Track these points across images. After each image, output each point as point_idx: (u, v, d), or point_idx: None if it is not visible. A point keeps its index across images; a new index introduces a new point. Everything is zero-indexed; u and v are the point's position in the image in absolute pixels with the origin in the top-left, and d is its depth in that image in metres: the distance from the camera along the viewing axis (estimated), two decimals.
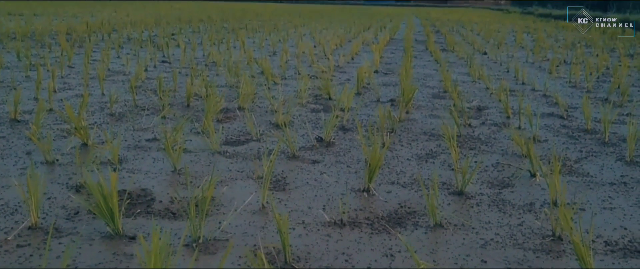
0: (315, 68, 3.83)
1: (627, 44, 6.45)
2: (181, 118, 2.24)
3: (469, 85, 3.27)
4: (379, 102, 2.69)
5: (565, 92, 3.03)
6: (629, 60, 4.70)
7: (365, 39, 6.38)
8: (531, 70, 4.03)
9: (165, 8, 16.82)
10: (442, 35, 7.66)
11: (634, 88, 3.14)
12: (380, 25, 10.06)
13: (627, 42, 6.65)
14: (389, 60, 4.55)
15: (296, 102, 2.60)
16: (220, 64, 3.84)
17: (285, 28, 8.33)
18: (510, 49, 5.64)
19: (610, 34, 8.21)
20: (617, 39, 7.23)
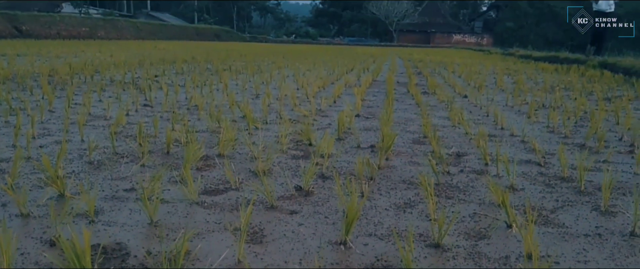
0: (297, 112, 3.87)
1: (604, 87, 6.57)
2: (160, 166, 2.25)
3: (448, 130, 3.31)
4: (359, 147, 2.72)
5: (543, 137, 3.08)
6: (607, 104, 4.79)
7: (348, 81, 6.45)
8: (510, 114, 4.09)
9: (149, 48, 16.89)
10: (424, 77, 7.76)
11: (610, 134, 3.19)
12: (364, 66, 10.18)
13: (605, 85, 6.78)
14: (371, 104, 4.59)
15: (276, 149, 2.62)
16: (202, 108, 3.86)
17: (269, 69, 8.40)
18: (491, 92, 5.73)
19: (589, 76, 8.38)
20: (595, 82, 7.37)
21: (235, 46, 26.25)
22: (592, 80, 7.76)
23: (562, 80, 7.72)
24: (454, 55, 20.86)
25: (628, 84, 6.98)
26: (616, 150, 2.71)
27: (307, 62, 10.88)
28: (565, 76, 8.67)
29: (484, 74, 8.70)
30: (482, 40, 59.40)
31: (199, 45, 24.44)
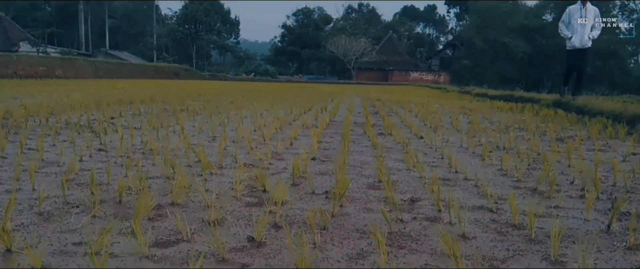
0: (253, 155, 3.86)
1: (558, 127, 6.76)
2: (111, 216, 2.21)
3: (403, 173, 3.34)
4: (314, 194, 2.72)
5: (496, 181, 3.14)
6: (559, 145, 4.91)
7: (305, 122, 6.48)
8: (465, 156, 4.16)
9: (107, 88, 16.71)
10: (381, 117, 7.85)
11: (562, 177, 3.27)
12: (322, 106, 10.26)
13: (559, 125, 6.97)
14: (328, 146, 4.62)
15: (230, 196, 2.60)
16: (158, 152, 3.81)
17: (227, 110, 8.39)
18: (446, 133, 5.83)
19: (543, 116, 8.60)
20: (549, 121, 7.57)
21: (194, 85, 26.18)
22: (546, 119, 7.97)
23: (516, 119, 7.90)
24: (412, 93, 21.21)
25: (581, 124, 7.19)
26: (567, 195, 2.77)
27: (266, 102, 10.91)
28: (520, 115, 8.89)
29: (440, 113, 8.85)
30: (439, 78, 60.62)
31: (158, 84, 24.30)
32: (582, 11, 10.18)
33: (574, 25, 10.23)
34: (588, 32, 10.15)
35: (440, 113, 9.04)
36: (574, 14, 10.29)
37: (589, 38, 10.17)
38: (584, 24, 10.12)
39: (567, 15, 10.43)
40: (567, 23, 10.41)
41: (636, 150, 4.58)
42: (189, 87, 20.28)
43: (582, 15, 10.16)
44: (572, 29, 10.27)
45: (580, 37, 10.17)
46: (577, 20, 10.17)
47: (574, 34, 10.21)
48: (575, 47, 10.25)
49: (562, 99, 10.31)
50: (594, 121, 7.07)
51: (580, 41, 10.18)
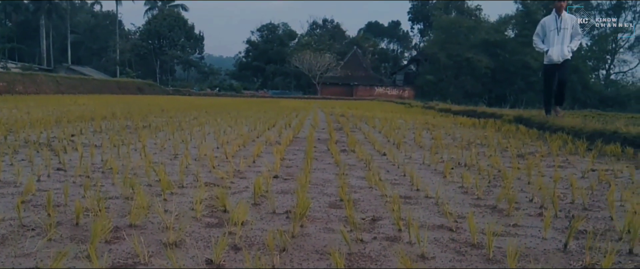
0: (215, 174, 3.83)
1: (519, 143, 6.87)
2: (68, 239, 2.16)
3: (365, 192, 3.35)
4: (275, 213, 2.71)
5: (457, 199, 3.17)
6: (520, 161, 5.00)
7: (268, 139, 6.47)
8: (426, 173, 4.19)
9: (68, 104, 16.42)
10: (345, 133, 7.88)
11: (522, 194, 3.32)
12: (286, 121, 10.26)
13: (520, 141, 7.09)
14: (291, 163, 4.61)
15: (190, 216, 2.58)
16: (118, 171, 3.75)
17: (190, 126, 8.32)
18: (409, 149, 5.88)
19: (505, 131, 8.74)
20: (510, 137, 7.70)
21: (157, 100, 25.93)
22: (508, 135, 8.10)
23: (479, 135, 8.02)
24: (376, 108, 21.36)
25: (541, 140, 7.33)
26: (526, 213, 2.81)
27: (230, 118, 10.86)
28: (482, 131, 9.02)
29: (404, 129, 8.93)
30: (403, 93, 61.20)
31: (121, 100, 24.00)
32: (558, 21, 9.31)
33: (550, 38, 9.37)
34: (567, 43, 9.28)
35: (403, 129, 9.11)
36: (550, 25, 9.42)
37: (568, 50, 9.29)
38: (562, 36, 9.26)
39: (542, 28, 9.57)
40: (542, 36, 9.58)
41: (595, 167, 4.67)
42: (153, 103, 20.08)
43: (558, 26, 9.30)
44: (549, 41, 9.40)
45: (559, 50, 9.28)
46: (554, 32, 9.32)
47: (550, 47, 9.35)
48: (552, 62, 9.36)
49: (548, 120, 9.02)
50: (554, 137, 7.22)
51: (559, 54, 9.28)
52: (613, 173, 4.31)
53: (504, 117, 11.21)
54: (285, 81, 69.16)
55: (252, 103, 25.65)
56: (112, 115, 10.35)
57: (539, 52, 9.79)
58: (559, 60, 9.30)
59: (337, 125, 10.16)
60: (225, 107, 17.35)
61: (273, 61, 70.12)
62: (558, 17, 9.31)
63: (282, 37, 73.60)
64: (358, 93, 60.60)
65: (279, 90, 64.23)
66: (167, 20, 69.70)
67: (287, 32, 75.17)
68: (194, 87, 61.95)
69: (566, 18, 9.27)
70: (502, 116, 11.49)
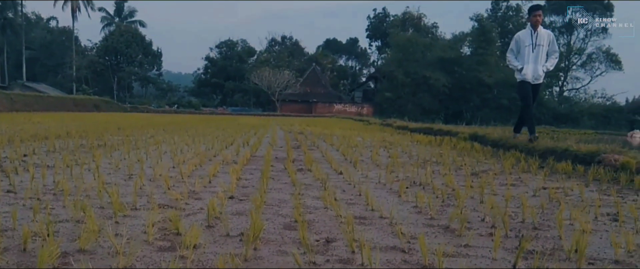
0: (170, 195, 3.78)
1: (473, 161, 6.98)
2: (15, 266, 2.10)
3: (320, 212, 3.35)
4: (228, 236, 2.68)
5: (411, 219, 3.19)
6: (474, 180, 5.07)
7: (225, 158, 6.42)
8: (382, 193, 4.22)
9: (23, 122, 15.99)
10: (302, 151, 7.88)
11: (474, 214, 3.37)
12: (244, 139, 10.21)
13: (474, 159, 7.20)
14: (247, 183, 4.58)
15: (142, 240, 2.53)
16: (69, 193, 3.67)
17: (146, 145, 8.20)
18: (366, 168, 5.91)
19: (460, 149, 8.88)
20: (465, 155, 7.82)
21: (114, 117, 25.51)
22: (463, 153, 8.23)
23: (434, 153, 8.12)
24: (335, 125, 21.43)
25: (495, 157, 7.46)
26: (477, 233, 2.85)
27: (187, 136, 10.75)
28: (438, 148, 9.14)
29: (361, 147, 8.98)
30: (362, 110, 61.60)
31: (77, 117, 23.53)
32: (534, 37, 8.44)
33: (524, 55, 8.48)
34: (542, 61, 8.48)
35: (361, 146, 9.17)
36: (524, 40, 8.54)
37: (543, 70, 8.49)
38: (537, 53, 8.41)
39: (516, 43, 8.72)
40: (516, 52, 8.71)
41: (546, 185, 4.77)
42: (109, 120, 19.75)
43: (533, 42, 8.44)
44: (523, 58, 8.52)
45: (533, 69, 8.43)
46: (529, 48, 8.45)
47: (525, 64, 8.46)
48: (526, 80, 8.48)
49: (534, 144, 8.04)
50: (508, 155, 7.36)
51: (534, 73, 8.44)
52: (563, 191, 4.41)
53: (460, 134, 11.37)
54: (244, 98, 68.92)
55: (211, 120, 25.47)
56: (67, 134, 10.13)
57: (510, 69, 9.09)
58: (533, 81, 8.50)
59: (295, 143, 10.15)
60: (183, 125, 17.17)
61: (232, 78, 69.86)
62: (534, 32, 8.45)
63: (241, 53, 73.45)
64: (317, 110, 60.76)
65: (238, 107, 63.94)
66: (125, 37, 68.85)
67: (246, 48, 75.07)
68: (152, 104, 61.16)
69: (542, 34, 8.47)
70: (458, 134, 11.66)
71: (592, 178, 5.20)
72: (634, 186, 4.71)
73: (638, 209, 3.55)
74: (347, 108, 62.77)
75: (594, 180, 5.18)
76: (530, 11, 8.62)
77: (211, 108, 60.62)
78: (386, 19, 74.63)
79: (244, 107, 64.67)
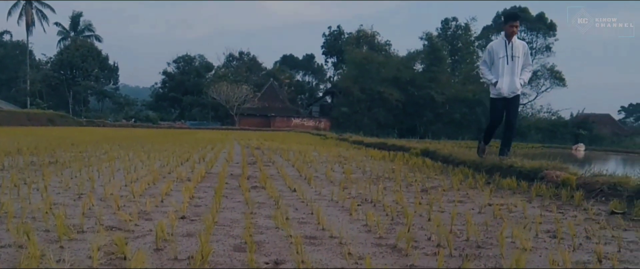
0: (119, 216, 3.68)
1: (424, 176, 7.05)
2: None
3: (272, 232, 3.32)
4: (176, 259, 2.62)
5: (360, 238, 3.18)
6: (423, 196, 5.11)
7: (180, 175, 6.32)
8: (334, 211, 4.20)
9: None
10: (258, 168, 7.82)
11: (421, 232, 3.38)
12: (200, 155, 10.08)
13: (425, 175, 7.27)
14: (200, 202, 4.51)
15: (86, 265, 2.46)
16: (14, 215, 3.53)
17: (100, 162, 8.01)
18: (320, 185, 5.90)
19: (412, 165, 8.96)
20: (417, 171, 7.89)
21: (69, 132, 24.95)
22: (414, 168, 8.30)
23: (387, 168, 8.17)
24: (292, 140, 21.42)
25: (445, 173, 7.55)
26: (423, 252, 2.86)
27: (142, 152, 10.55)
28: (391, 164, 9.20)
29: (317, 163, 8.98)
30: (319, 124, 61.77)
31: (30, 132, 22.91)
32: (508, 48, 7.69)
33: (499, 67, 7.75)
34: (518, 74, 7.75)
35: (316, 162, 9.16)
36: (498, 51, 7.78)
37: (520, 83, 7.78)
38: (512, 65, 7.68)
39: (490, 54, 7.95)
40: (489, 64, 7.96)
41: (492, 201, 4.84)
42: (63, 135, 19.29)
43: (508, 54, 7.68)
44: (497, 71, 7.78)
45: (509, 82, 7.71)
46: (503, 60, 7.71)
47: (499, 77, 7.74)
48: (501, 95, 7.78)
49: (481, 160, 7.87)
50: (456, 170, 7.46)
51: (509, 86, 7.72)
52: (507, 208, 4.47)
53: (412, 150, 11.49)
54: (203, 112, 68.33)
55: (169, 134, 25.15)
56: (17, 151, 9.82)
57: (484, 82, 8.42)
58: (509, 94, 7.76)
59: (252, 158, 10.08)
60: (139, 140, 16.88)
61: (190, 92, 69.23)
62: (508, 42, 7.70)
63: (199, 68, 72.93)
64: (275, 124, 60.63)
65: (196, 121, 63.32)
66: (80, 51, 67.53)
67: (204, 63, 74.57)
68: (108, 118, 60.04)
69: (518, 45, 7.75)
70: (410, 149, 11.78)
71: (535, 194, 5.30)
72: (574, 202, 4.82)
73: (576, 225, 3.63)
74: (304, 123, 62.85)
75: (537, 195, 5.28)
76: (506, 20, 7.81)
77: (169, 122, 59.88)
78: (341, 37, 75.22)
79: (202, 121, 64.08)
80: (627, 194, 4.77)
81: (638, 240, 3.27)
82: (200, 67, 73.45)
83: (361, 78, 54.80)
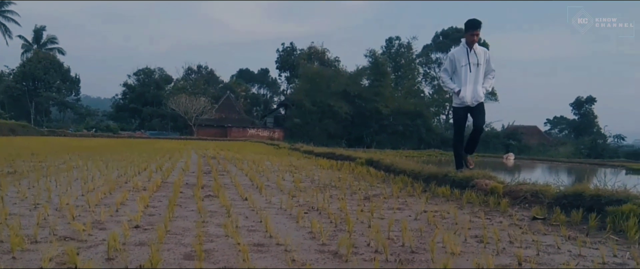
0: (74, 226, 3.58)
1: (367, 185, 7.10)
2: None
3: (222, 240, 3.28)
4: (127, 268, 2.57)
5: (305, 245, 3.19)
6: (365, 204, 5.14)
7: (136, 185, 6.18)
8: (282, 219, 4.19)
9: None
10: (212, 177, 7.74)
11: (362, 239, 3.40)
12: (158, 165, 9.89)
13: (368, 183, 7.32)
14: (154, 211, 4.42)
15: None
16: None
17: (58, 171, 7.77)
18: (270, 193, 5.87)
19: (357, 173, 9.01)
20: (361, 179, 7.94)
21: (30, 142, 24.12)
22: (359, 177, 8.36)
23: (334, 177, 8.20)
24: (248, 149, 21.27)
25: (387, 182, 7.62)
26: (362, 258, 2.88)
27: (101, 161, 10.29)
28: (338, 173, 9.24)
29: (269, 172, 8.94)
30: (274, 134, 61.60)
31: None
32: (470, 55, 7.08)
33: (461, 75, 7.12)
34: (481, 82, 7.13)
35: (268, 171, 9.12)
36: (460, 59, 7.16)
37: (483, 91, 7.17)
38: (475, 73, 7.07)
39: (451, 62, 7.29)
40: (451, 72, 7.32)
41: (427, 208, 4.92)
42: (24, 145, 18.64)
43: (470, 61, 7.07)
44: (459, 79, 7.16)
45: (472, 90, 7.09)
46: (465, 68, 7.09)
47: (462, 86, 7.11)
48: (465, 103, 7.18)
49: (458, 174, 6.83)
50: (397, 179, 7.54)
51: (472, 95, 7.11)
52: (441, 215, 4.55)
53: (358, 160, 11.55)
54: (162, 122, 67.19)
55: (128, 144, 24.61)
56: None
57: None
58: (472, 103, 7.16)
59: (207, 168, 9.96)
60: (99, 149, 16.46)
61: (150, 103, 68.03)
62: (469, 50, 7.10)
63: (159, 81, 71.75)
64: (232, 134, 60.14)
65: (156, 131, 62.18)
66: (42, 63, 65.56)
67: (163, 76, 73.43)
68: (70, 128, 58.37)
69: (479, 52, 7.14)
70: (356, 159, 11.85)
71: (466, 201, 5.41)
72: (500, 209, 4.95)
73: (501, 230, 3.73)
74: (260, 133, 62.57)
75: (468, 202, 5.40)
76: (467, 29, 7.13)
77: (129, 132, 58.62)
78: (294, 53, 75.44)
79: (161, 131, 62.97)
80: (547, 201, 4.94)
81: (555, 244, 3.37)
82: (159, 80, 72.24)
83: (313, 92, 55.01)
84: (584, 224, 4.16)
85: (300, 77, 60.87)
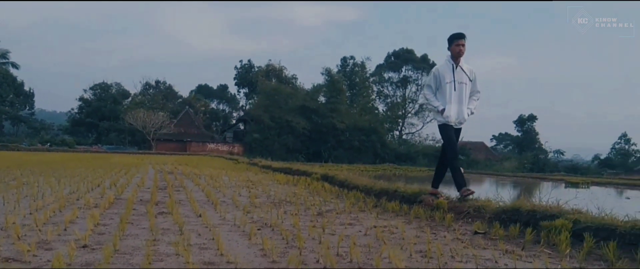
0: (18, 246, 3.44)
1: (322, 200, 7.09)
2: None
3: (172, 259, 3.21)
4: None
5: (255, 262, 3.15)
6: (318, 219, 5.13)
7: (88, 202, 6.00)
8: (235, 236, 4.14)
9: None
10: (168, 193, 7.59)
11: (312, 255, 3.39)
12: (113, 180, 9.66)
13: (322, 199, 7.31)
14: (104, 230, 4.30)
15: None
16: None
17: (7, 188, 7.48)
18: (225, 209, 5.80)
19: (312, 189, 8.99)
20: (316, 195, 7.93)
21: None
22: (314, 192, 8.34)
23: (290, 192, 8.16)
24: (206, 164, 21.00)
25: (340, 197, 7.63)
26: None
27: (53, 177, 9.98)
28: (294, 188, 9.20)
29: (225, 187, 8.84)
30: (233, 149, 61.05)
31: None
32: (456, 72, 6.33)
33: (446, 93, 6.33)
34: (466, 102, 6.39)
35: (225, 186, 9.02)
36: (444, 75, 6.35)
37: (468, 112, 6.41)
38: (460, 91, 6.34)
39: (435, 79, 6.44)
40: (435, 89, 6.48)
41: (377, 223, 4.94)
42: None
43: (455, 79, 6.32)
44: (444, 97, 6.36)
45: (457, 110, 6.34)
46: (450, 86, 6.32)
47: (447, 104, 6.31)
48: (449, 122, 6.33)
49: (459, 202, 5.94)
50: (350, 194, 7.56)
51: (458, 115, 6.35)
52: (389, 230, 4.58)
53: (313, 175, 11.56)
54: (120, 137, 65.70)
55: (84, 159, 23.96)
56: None
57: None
58: (456, 124, 6.40)
59: (164, 183, 9.77)
60: (52, 164, 15.97)
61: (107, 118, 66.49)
62: (455, 66, 6.34)
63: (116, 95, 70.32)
64: (192, 149, 59.34)
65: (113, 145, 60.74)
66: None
67: (121, 91, 72.00)
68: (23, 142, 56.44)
69: (466, 69, 6.41)
70: (312, 174, 11.85)
71: (413, 217, 5.47)
72: (445, 223, 5.03)
73: (444, 245, 3.78)
74: (219, 147, 61.92)
75: (416, 217, 5.46)
76: (453, 39, 6.33)
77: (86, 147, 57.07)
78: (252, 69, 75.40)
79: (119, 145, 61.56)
80: (488, 216, 5.05)
81: (493, 258, 3.44)
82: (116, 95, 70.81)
83: (271, 108, 54.96)
84: (521, 238, 4.27)
85: (259, 93, 60.81)
